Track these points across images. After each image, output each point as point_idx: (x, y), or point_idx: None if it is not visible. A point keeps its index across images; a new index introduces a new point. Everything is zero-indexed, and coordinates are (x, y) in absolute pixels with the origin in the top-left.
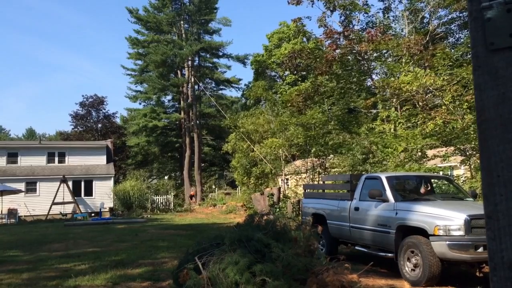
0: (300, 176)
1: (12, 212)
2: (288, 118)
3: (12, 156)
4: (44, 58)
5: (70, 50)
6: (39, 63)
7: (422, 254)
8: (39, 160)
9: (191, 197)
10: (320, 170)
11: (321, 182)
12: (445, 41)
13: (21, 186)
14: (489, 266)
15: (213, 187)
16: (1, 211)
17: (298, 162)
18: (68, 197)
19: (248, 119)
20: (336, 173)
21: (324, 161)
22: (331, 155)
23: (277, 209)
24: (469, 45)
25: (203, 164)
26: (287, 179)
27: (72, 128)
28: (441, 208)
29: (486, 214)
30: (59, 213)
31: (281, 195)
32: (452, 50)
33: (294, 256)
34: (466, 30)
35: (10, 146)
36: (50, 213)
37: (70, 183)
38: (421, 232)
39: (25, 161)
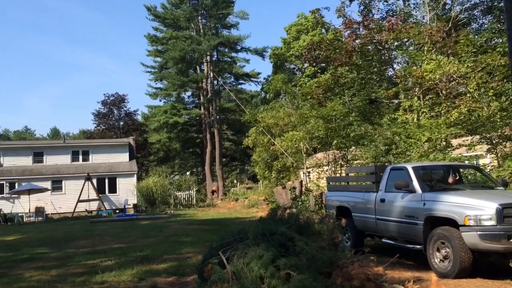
0: (322, 169)
1: (39, 210)
2: (308, 111)
3: (38, 156)
4: (65, 58)
5: (91, 49)
6: (61, 63)
7: (453, 247)
8: (64, 159)
9: (213, 192)
10: (342, 163)
11: (343, 174)
12: (468, 27)
13: (47, 184)
14: None
15: (235, 181)
16: (29, 209)
17: (319, 155)
18: (93, 195)
19: (268, 113)
20: (359, 165)
21: (346, 153)
22: (353, 147)
23: (300, 203)
24: (493, 31)
25: (224, 159)
26: (308, 172)
27: (95, 127)
28: (471, 197)
29: None
30: (84, 210)
31: (303, 188)
32: (476, 36)
33: (318, 249)
34: (490, 15)
35: (36, 145)
36: (76, 210)
37: (94, 181)
38: (451, 222)
39: (50, 160)
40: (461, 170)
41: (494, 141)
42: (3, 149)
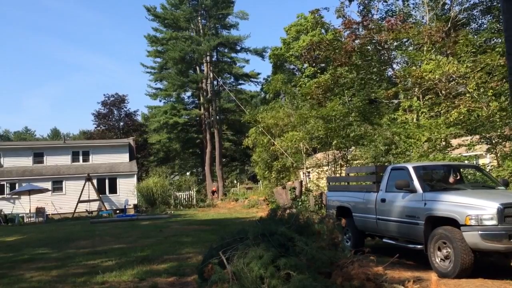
0: (321, 169)
1: (40, 211)
2: (308, 111)
3: (38, 156)
4: (65, 59)
5: (90, 49)
6: (61, 63)
7: (454, 247)
8: (64, 160)
9: (213, 192)
10: (341, 163)
11: (343, 174)
12: (467, 27)
13: (48, 185)
14: None
15: (235, 182)
16: (30, 210)
17: (319, 155)
18: (93, 195)
19: (268, 113)
20: (358, 165)
21: (345, 153)
22: (353, 147)
23: (299, 203)
24: (492, 31)
25: (224, 159)
26: (308, 173)
27: (95, 127)
28: (472, 197)
29: None
30: (85, 210)
31: (303, 188)
32: (475, 36)
33: (318, 249)
34: (489, 15)
35: (36, 146)
36: (76, 211)
37: (94, 181)
38: (452, 222)
39: (50, 161)
40: (461, 169)
41: (493, 141)
42: (3, 149)
